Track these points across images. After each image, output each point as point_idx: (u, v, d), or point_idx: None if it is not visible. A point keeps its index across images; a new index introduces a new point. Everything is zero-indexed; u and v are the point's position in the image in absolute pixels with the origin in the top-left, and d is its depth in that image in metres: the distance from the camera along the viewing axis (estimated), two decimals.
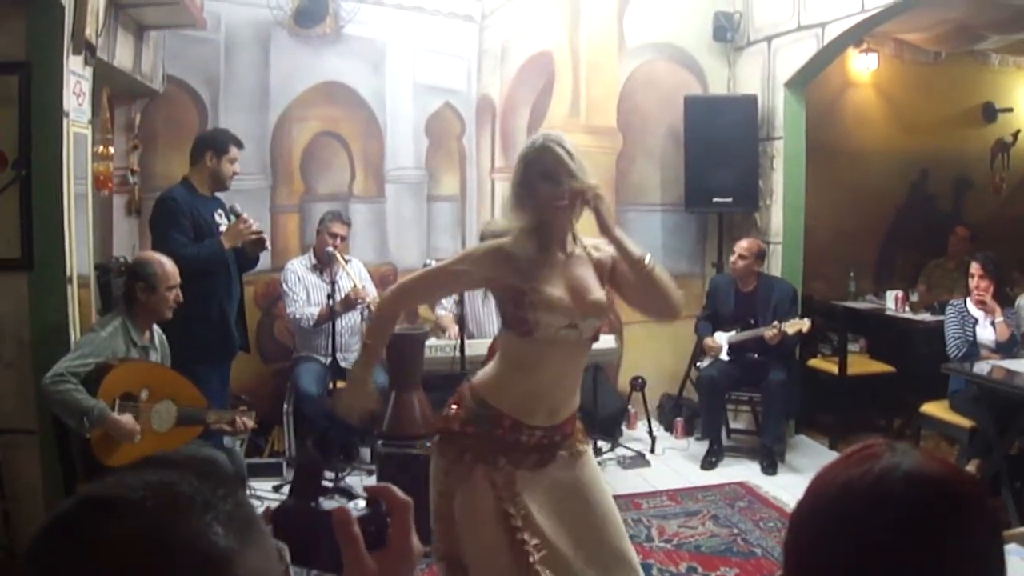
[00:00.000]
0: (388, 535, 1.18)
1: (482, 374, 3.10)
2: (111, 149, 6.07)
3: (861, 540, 1.10)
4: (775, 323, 6.25)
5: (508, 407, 2.97)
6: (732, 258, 6.68)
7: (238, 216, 5.23)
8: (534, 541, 2.87)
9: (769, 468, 6.35)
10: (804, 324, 6.22)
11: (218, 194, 5.41)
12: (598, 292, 3.03)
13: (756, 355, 6.52)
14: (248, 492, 5.22)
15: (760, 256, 6.64)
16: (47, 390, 3.95)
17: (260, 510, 1.17)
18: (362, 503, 1.19)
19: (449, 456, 3.00)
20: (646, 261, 2.98)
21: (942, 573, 1.08)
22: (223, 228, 5.25)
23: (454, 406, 3.05)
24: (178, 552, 0.83)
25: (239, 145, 5.39)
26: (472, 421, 2.99)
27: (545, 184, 2.94)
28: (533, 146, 3.00)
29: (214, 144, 5.32)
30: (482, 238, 6.25)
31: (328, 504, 1.18)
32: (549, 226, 2.98)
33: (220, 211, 5.36)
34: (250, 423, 4.62)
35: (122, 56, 5.48)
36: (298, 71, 6.70)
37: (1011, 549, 2.35)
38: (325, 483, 1.23)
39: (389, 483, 1.22)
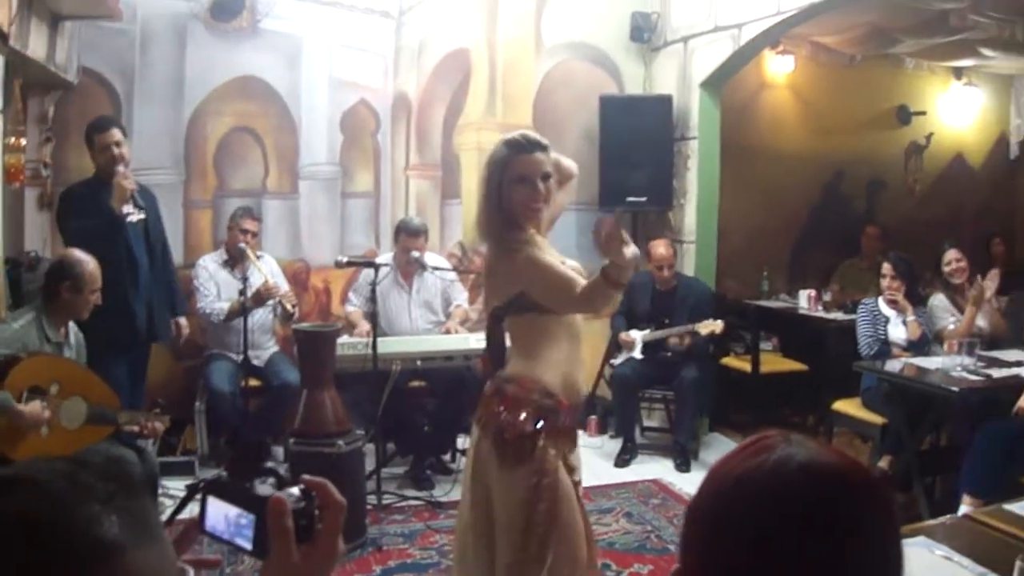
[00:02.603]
0: (316, 531, 1.18)
1: (523, 368, 3.10)
2: (23, 141, 5.92)
3: (756, 531, 1.09)
4: (690, 325, 6.31)
5: (563, 389, 3.07)
6: (651, 266, 6.64)
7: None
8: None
9: (683, 465, 6.41)
10: (717, 326, 6.26)
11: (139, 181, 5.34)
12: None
13: (669, 353, 6.55)
14: (160, 490, 5.16)
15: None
16: None
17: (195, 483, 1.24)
18: (295, 491, 1.19)
19: (533, 458, 2.99)
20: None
21: (838, 563, 1.08)
22: (132, 219, 5.21)
23: (516, 411, 3.02)
24: (70, 533, 0.87)
25: (104, 128, 5.29)
26: (543, 414, 3.03)
27: (521, 189, 3.02)
28: (504, 148, 3.07)
29: (86, 136, 5.31)
30: (396, 233, 6.25)
31: (262, 488, 1.18)
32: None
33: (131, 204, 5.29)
34: (161, 427, 4.60)
35: (36, 46, 5.34)
36: (214, 65, 6.60)
37: (919, 542, 2.40)
38: (263, 465, 1.22)
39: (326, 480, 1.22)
